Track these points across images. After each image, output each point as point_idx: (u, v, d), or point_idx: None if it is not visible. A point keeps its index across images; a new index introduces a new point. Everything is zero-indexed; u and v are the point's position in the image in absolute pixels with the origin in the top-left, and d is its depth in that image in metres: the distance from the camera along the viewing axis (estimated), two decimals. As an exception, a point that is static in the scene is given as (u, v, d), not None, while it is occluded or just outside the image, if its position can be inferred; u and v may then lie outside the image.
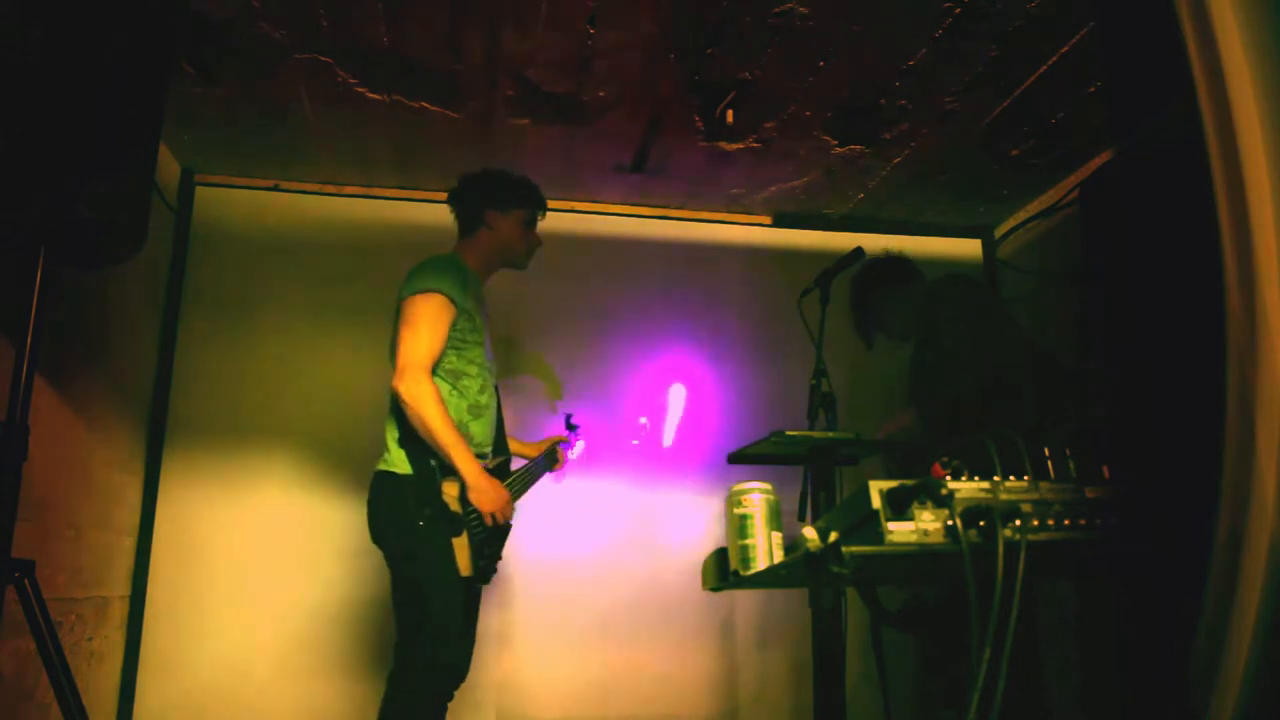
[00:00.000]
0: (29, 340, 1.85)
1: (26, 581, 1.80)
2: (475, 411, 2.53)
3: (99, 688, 3.00)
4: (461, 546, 2.36)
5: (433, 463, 2.39)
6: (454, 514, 2.38)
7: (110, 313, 2.99)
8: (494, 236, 2.70)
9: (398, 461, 2.42)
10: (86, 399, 2.81)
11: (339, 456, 3.36)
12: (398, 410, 2.41)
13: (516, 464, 2.86)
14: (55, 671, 1.83)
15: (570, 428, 3.25)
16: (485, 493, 2.38)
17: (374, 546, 2.49)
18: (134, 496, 3.25)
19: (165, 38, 2.12)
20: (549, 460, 3.01)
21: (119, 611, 3.14)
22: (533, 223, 2.77)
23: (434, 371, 2.42)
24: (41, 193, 1.80)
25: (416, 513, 2.35)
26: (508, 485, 2.61)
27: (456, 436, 2.35)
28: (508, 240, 2.71)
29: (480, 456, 2.54)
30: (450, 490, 2.39)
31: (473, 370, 2.53)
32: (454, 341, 2.47)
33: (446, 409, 2.37)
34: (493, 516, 2.42)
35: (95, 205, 1.84)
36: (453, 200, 2.77)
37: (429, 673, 2.31)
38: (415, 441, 2.38)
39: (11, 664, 2.34)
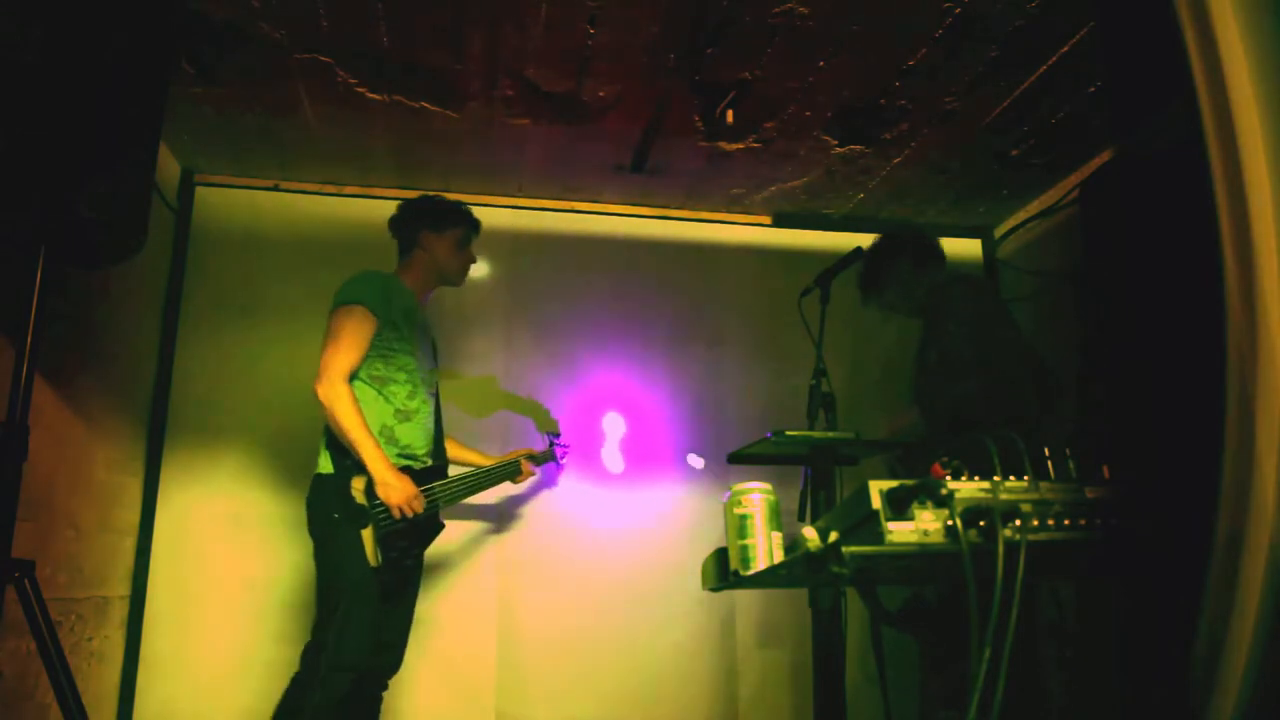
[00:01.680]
0: (29, 340, 1.85)
1: (26, 581, 1.80)
2: (402, 416, 2.67)
3: (99, 688, 3.00)
4: (368, 537, 2.50)
5: (348, 462, 2.54)
6: (359, 506, 2.51)
7: (110, 313, 2.99)
8: (429, 257, 2.87)
9: (323, 463, 2.59)
10: (86, 399, 2.81)
11: (339, 456, 3.36)
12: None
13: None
14: (55, 671, 1.83)
15: (553, 445, 3.44)
16: (390, 486, 2.49)
17: None
18: (134, 496, 3.25)
19: (165, 38, 2.12)
20: (506, 470, 3.13)
21: (119, 611, 3.14)
22: (466, 242, 2.95)
23: (357, 377, 2.60)
24: (41, 193, 1.80)
25: (333, 508, 2.52)
26: (441, 485, 2.75)
27: (365, 434, 2.50)
28: (442, 259, 2.89)
29: (411, 459, 2.67)
30: (357, 484, 2.52)
31: (401, 377, 2.68)
32: (379, 350, 2.64)
33: (363, 412, 2.53)
34: (401, 510, 2.51)
35: (95, 205, 1.85)
36: (391, 225, 2.94)
37: (332, 660, 2.41)
38: (337, 444, 2.55)
39: (11, 664, 2.34)
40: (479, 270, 3.70)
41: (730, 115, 3.03)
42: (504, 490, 3.58)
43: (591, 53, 2.74)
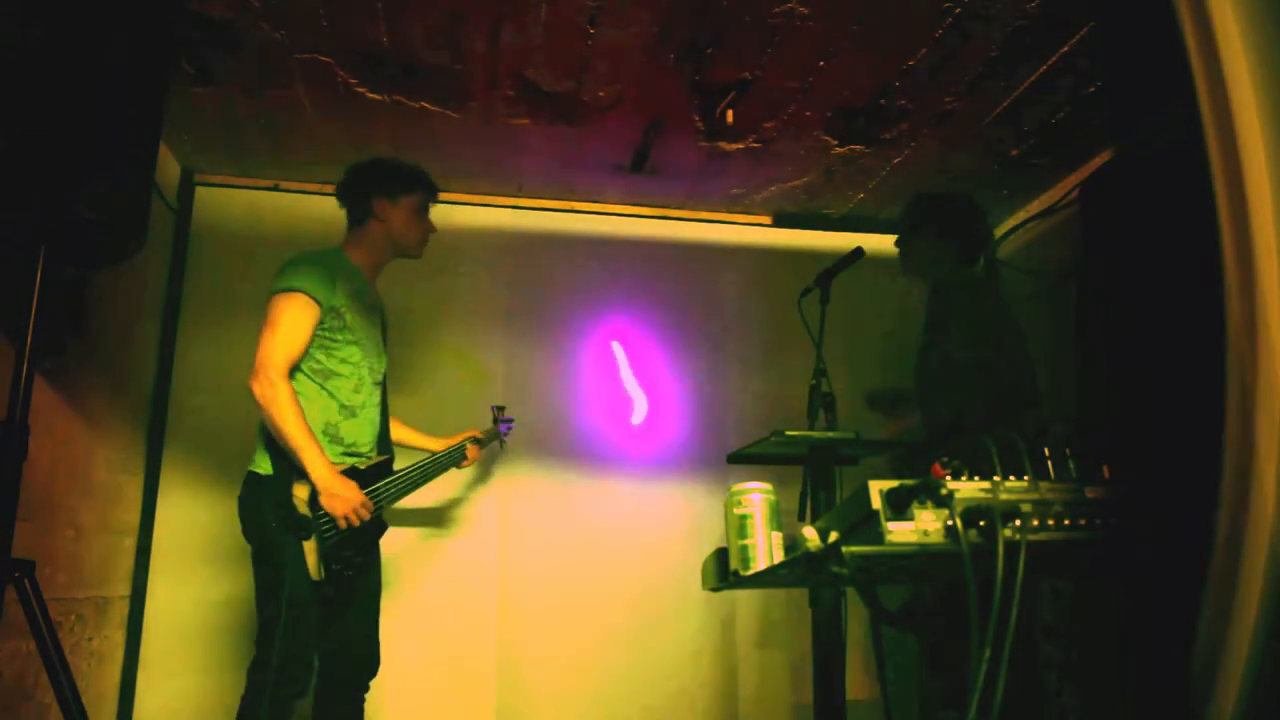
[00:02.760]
0: (29, 340, 1.85)
1: (26, 581, 1.80)
2: (347, 412, 2.51)
3: (99, 688, 3.00)
4: (311, 550, 2.33)
5: (288, 464, 2.37)
6: (302, 517, 2.34)
7: (110, 313, 2.99)
8: (385, 227, 2.67)
9: (261, 462, 2.42)
10: (86, 399, 2.81)
11: (339, 456, 3.36)
12: None
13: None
14: (55, 671, 1.83)
15: (498, 421, 3.28)
16: (336, 496, 2.33)
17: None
18: (134, 496, 3.25)
19: (165, 38, 2.12)
20: (454, 456, 2.98)
21: (119, 611, 3.14)
22: (425, 209, 2.74)
23: (299, 371, 2.43)
24: (41, 193, 1.80)
25: (271, 514, 2.34)
26: (387, 483, 2.59)
27: (308, 439, 2.33)
28: (399, 229, 2.68)
29: (356, 456, 2.52)
30: (300, 493, 2.35)
31: (345, 370, 2.51)
32: (321, 341, 2.46)
33: (303, 410, 2.35)
34: (347, 519, 2.36)
35: (95, 205, 1.85)
36: (340, 193, 2.73)
37: (272, 672, 2.29)
38: (276, 443, 2.37)
39: (11, 664, 2.34)
40: (478, 270, 3.71)
41: (730, 115, 3.03)
42: (504, 489, 3.58)
43: (591, 53, 2.74)
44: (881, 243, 3.25)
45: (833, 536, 1.23)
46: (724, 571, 1.55)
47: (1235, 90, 0.99)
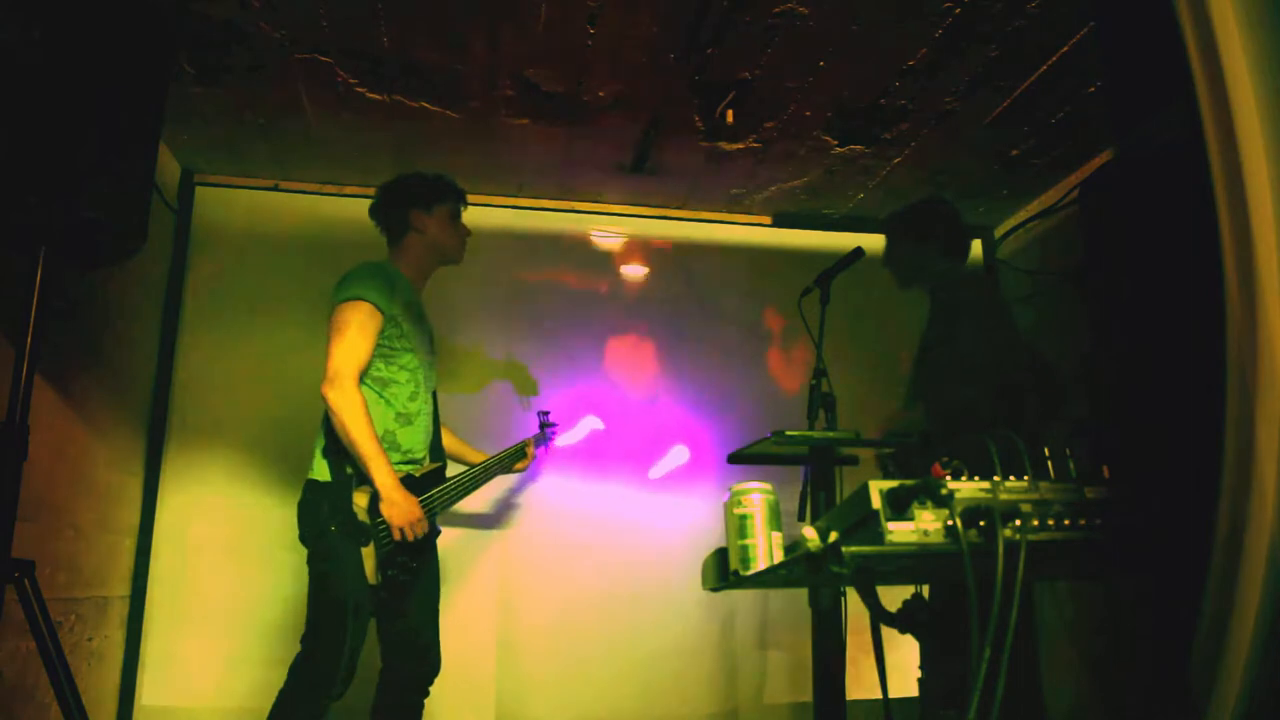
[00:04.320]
0: (29, 340, 1.85)
1: (26, 581, 1.80)
2: (404, 419, 2.55)
3: (99, 688, 3.00)
4: (369, 555, 2.38)
5: (349, 471, 2.42)
6: (361, 523, 2.38)
7: (110, 313, 2.99)
8: (423, 239, 2.70)
9: (320, 469, 2.46)
10: (86, 399, 2.81)
11: (339, 456, 3.35)
12: (326, 420, 2.44)
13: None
14: (55, 671, 1.83)
15: (544, 426, 3.28)
16: (397, 506, 2.37)
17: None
18: (134, 496, 3.25)
19: (165, 38, 2.12)
20: (509, 459, 3.01)
21: (119, 611, 3.14)
22: (457, 215, 2.77)
23: (361, 379, 2.46)
24: (41, 193, 1.80)
25: (330, 519, 2.38)
26: (441, 490, 2.62)
27: (376, 448, 2.36)
28: (438, 238, 2.72)
29: (411, 463, 2.56)
30: (360, 500, 2.40)
31: (402, 377, 2.55)
32: (381, 350, 2.51)
33: (371, 419, 2.39)
34: (402, 531, 2.39)
35: (95, 205, 1.85)
36: (374, 213, 2.75)
37: (315, 670, 2.35)
38: (337, 451, 2.42)
39: (11, 664, 2.34)
40: (479, 270, 3.70)
41: (730, 115, 3.03)
42: (503, 489, 3.58)
43: (591, 53, 2.74)
44: (882, 243, 3.24)
45: (833, 536, 1.22)
46: (724, 571, 1.55)
47: (1235, 90, 0.99)
